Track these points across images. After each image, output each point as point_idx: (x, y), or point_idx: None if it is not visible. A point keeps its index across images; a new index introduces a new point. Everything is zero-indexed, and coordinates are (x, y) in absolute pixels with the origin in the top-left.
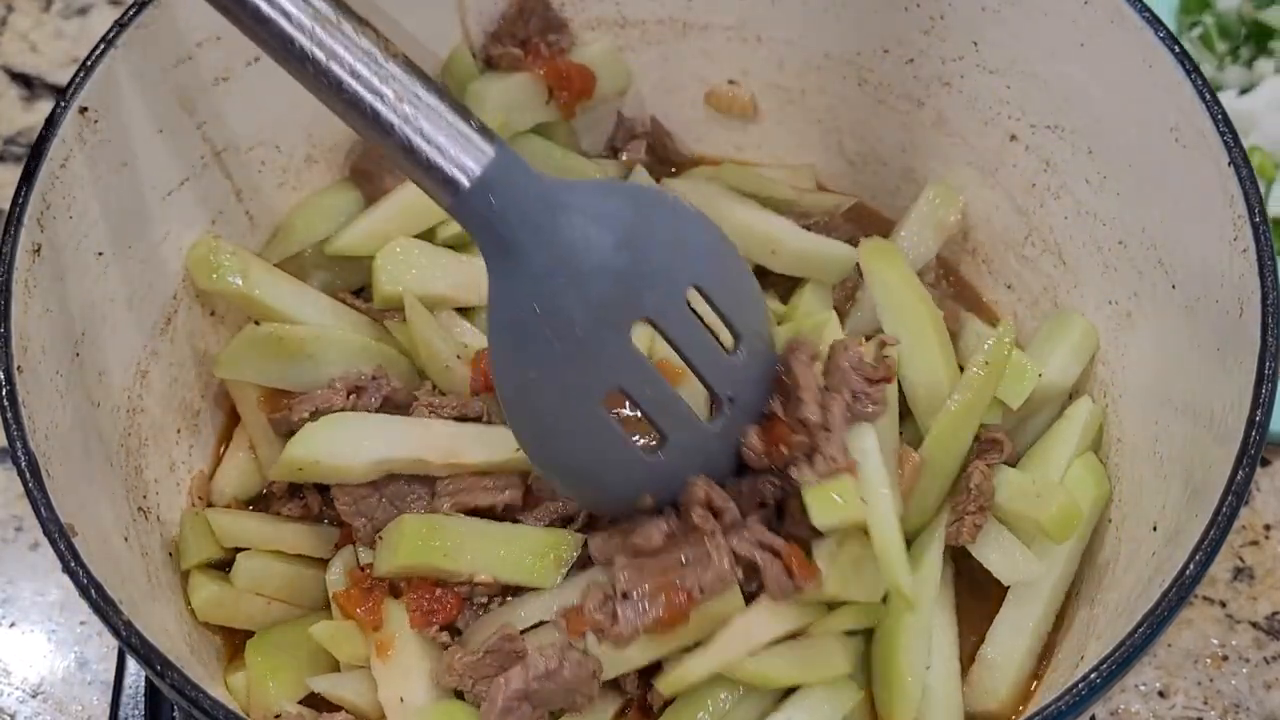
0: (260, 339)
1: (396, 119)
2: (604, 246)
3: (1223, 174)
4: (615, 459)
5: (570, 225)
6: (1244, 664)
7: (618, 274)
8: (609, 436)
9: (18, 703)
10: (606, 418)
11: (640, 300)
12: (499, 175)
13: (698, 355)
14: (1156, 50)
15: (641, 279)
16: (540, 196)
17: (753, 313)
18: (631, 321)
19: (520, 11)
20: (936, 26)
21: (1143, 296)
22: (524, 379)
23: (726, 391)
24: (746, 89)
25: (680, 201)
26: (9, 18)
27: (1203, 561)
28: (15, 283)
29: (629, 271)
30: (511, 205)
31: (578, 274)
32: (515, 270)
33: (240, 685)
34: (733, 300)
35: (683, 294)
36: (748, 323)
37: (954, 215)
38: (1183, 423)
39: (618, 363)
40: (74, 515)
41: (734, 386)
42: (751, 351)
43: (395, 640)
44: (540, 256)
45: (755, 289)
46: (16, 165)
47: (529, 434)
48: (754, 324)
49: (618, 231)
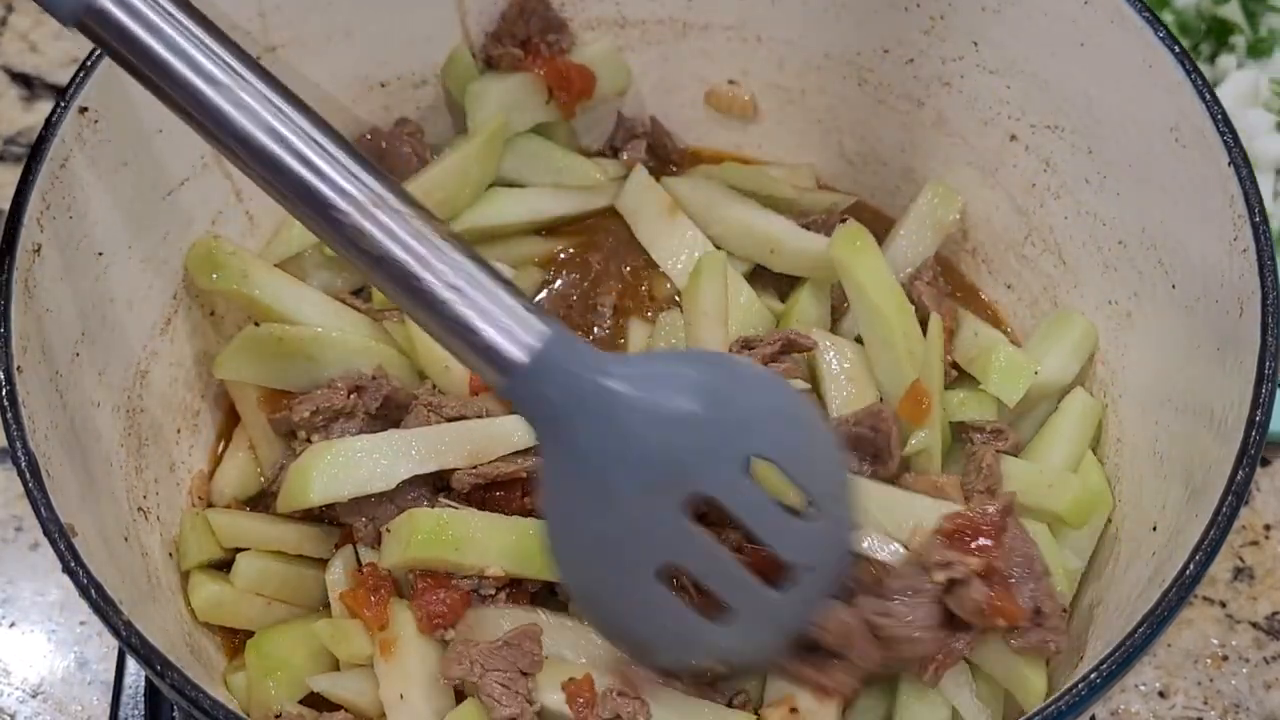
0: (260, 339)
1: (451, 295)
2: (656, 426)
3: (1223, 174)
4: (680, 630)
5: (623, 406)
6: (1244, 664)
7: (670, 453)
8: (669, 609)
9: (18, 703)
10: (664, 591)
11: (696, 477)
12: (554, 356)
13: (762, 526)
14: (1156, 50)
15: (697, 454)
16: (593, 378)
17: (829, 477)
18: (685, 496)
19: (520, 11)
20: (936, 26)
21: (1143, 296)
22: (579, 554)
23: (801, 558)
24: (746, 89)
25: (747, 367)
26: (9, 18)
27: (1203, 561)
28: (15, 283)
29: (684, 450)
30: (565, 387)
31: (628, 455)
32: (566, 449)
33: (240, 685)
34: (805, 465)
35: (744, 466)
36: (824, 488)
37: (953, 215)
38: (1183, 423)
39: (671, 539)
40: (74, 515)
41: (809, 553)
42: (828, 516)
43: (400, 639)
44: (592, 437)
45: (833, 451)
46: (16, 165)
47: (592, 606)
48: (831, 488)
49: (672, 410)
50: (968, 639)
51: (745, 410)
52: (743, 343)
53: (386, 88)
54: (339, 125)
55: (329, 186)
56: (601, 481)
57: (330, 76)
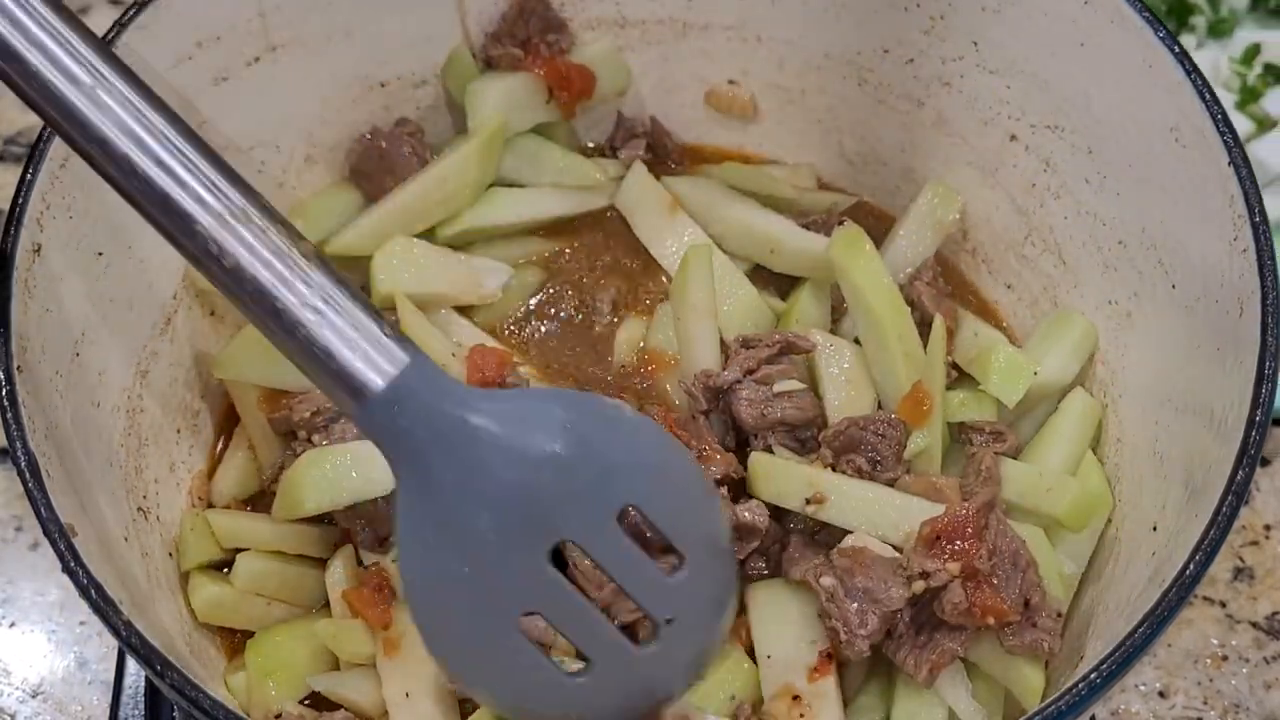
0: (260, 339)
1: (309, 317)
2: (518, 467)
3: (1223, 174)
4: (536, 681)
5: (483, 443)
6: (1244, 664)
7: (532, 496)
8: (525, 658)
9: (18, 703)
10: (521, 639)
11: (559, 522)
12: (411, 385)
13: (627, 578)
14: (1156, 50)
15: (561, 500)
16: (452, 411)
17: (701, 525)
18: (549, 543)
19: (520, 11)
20: (936, 26)
21: (1143, 296)
22: (432, 596)
23: (664, 614)
24: (746, 89)
25: (619, 411)
26: None
27: (1203, 561)
28: (15, 283)
29: (546, 493)
30: (422, 419)
31: (486, 494)
32: (422, 484)
33: (240, 685)
34: (675, 516)
35: (611, 515)
36: (694, 537)
37: (953, 215)
38: (1183, 422)
39: (532, 586)
40: (74, 515)
41: (674, 607)
42: (696, 568)
43: (405, 637)
44: (448, 473)
45: (704, 498)
46: (16, 165)
47: (442, 650)
48: (702, 537)
49: (536, 451)
50: (962, 639)
51: (614, 456)
52: (742, 342)
53: (386, 88)
54: (339, 125)
55: (188, 196)
56: (458, 520)
57: (330, 76)
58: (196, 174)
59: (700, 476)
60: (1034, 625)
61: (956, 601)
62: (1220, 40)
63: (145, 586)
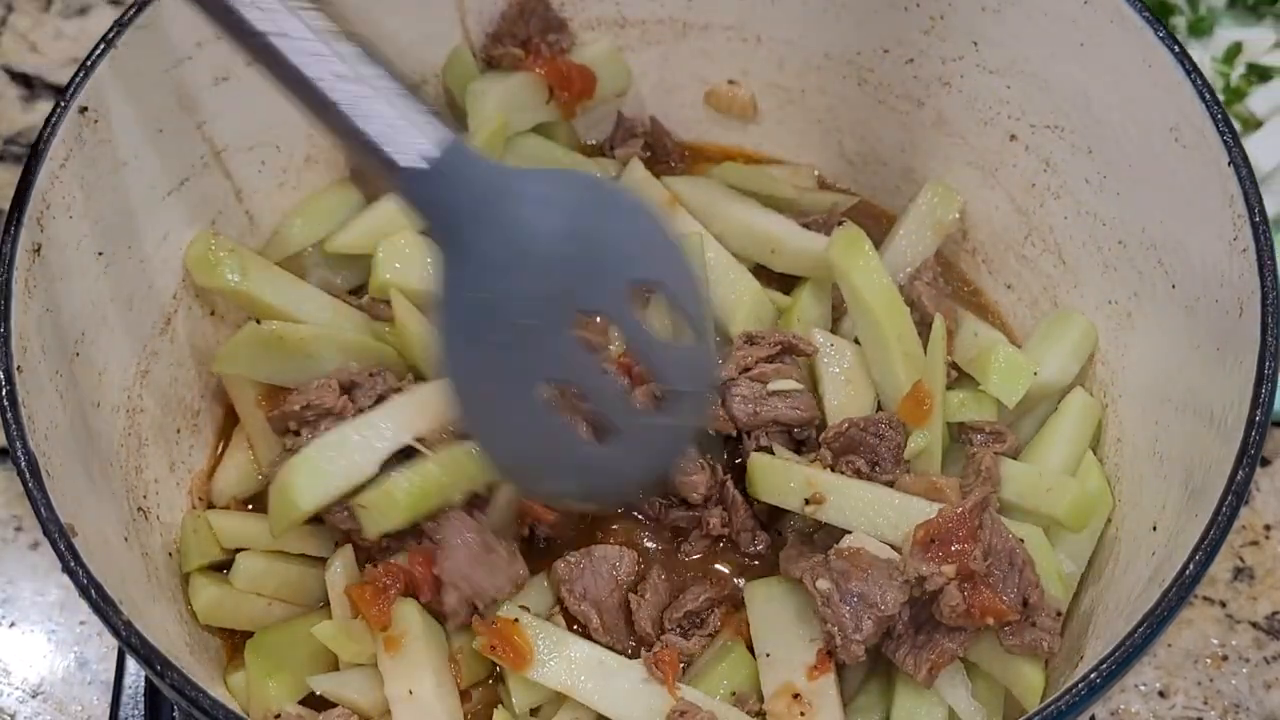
0: (261, 337)
1: (344, 97)
2: (550, 234)
3: (1223, 174)
4: (561, 448)
5: (518, 210)
6: (1244, 664)
7: (562, 262)
8: (552, 425)
9: (18, 703)
10: (549, 408)
11: (584, 290)
12: (449, 159)
13: (644, 347)
14: (1156, 50)
15: (586, 268)
16: (490, 181)
17: (698, 304)
18: (573, 312)
19: (520, 11)
20: (936, 26)
21: (1143, 296)
22: (466, 363)
23: (678, 382)
24: (746, 89)
25: (631, 195)
26: (9, 18)
27: (1203, 561)
28: (15, 283)
29: (574, 261)
30: (460, 188)
31: (522, 259)
32: (461, 254)
33: (240, 685)
34: (682, 290)
35: (627, 287)
36: (696, 314)
37: (952, 214)
38: (1183, 422)
39: (558, 352)
40: (74, 515)
41: (684, 378)
42: (699, 342)
43: (407, 635)
44: (486, 241)
45: (700, 286)
46: (16, 165)
47: (474, 423)
48: (700, 315)
49: (566, 220)
50: (961, 639)
51: (634, 235)
52: (746, 338)
53: None
54: None
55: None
56: (493, 287)
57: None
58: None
59: (695, 267)
60: (1033, 624)
61: (954, 604)
62: (1201, 40)
63: (145, 586)
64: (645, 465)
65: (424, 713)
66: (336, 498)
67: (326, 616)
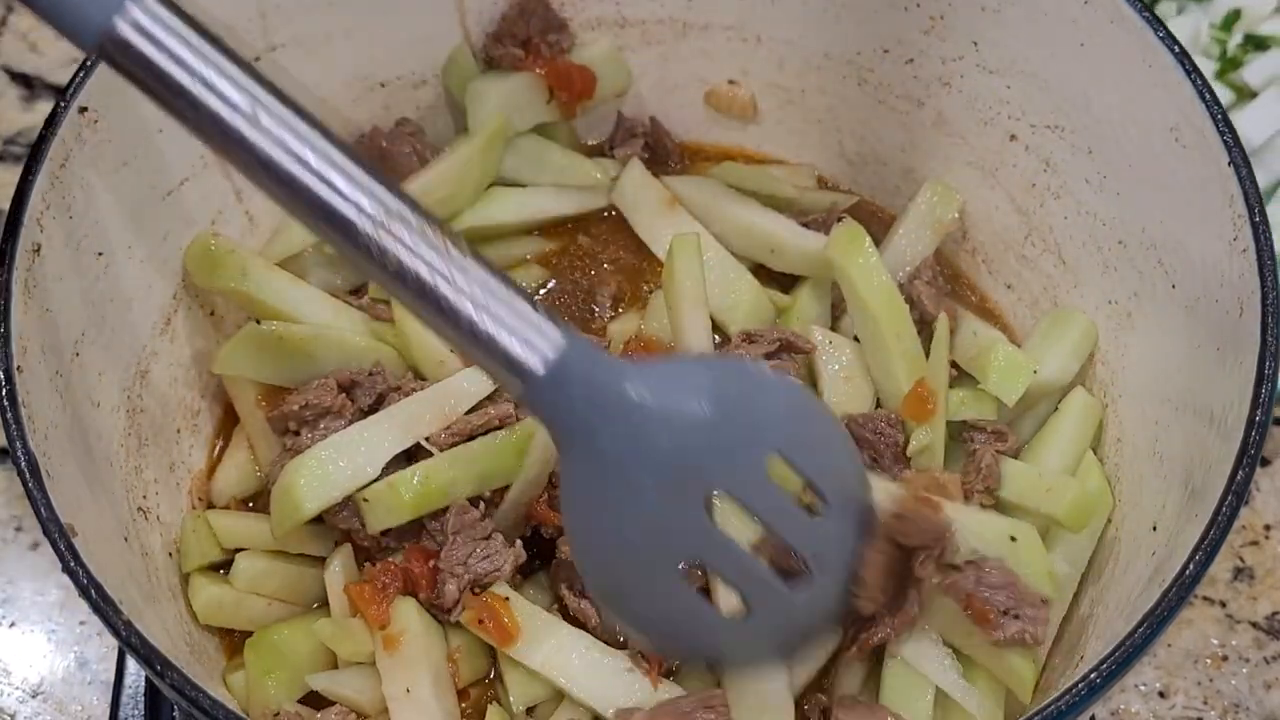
0: (261, 337)
1: (469, 306)
2: (674, 431)
3: (1223, 174)
4: (699, 626)
5: (642, 411)
6: (1244, 664)
7: (688, 455)
8: (690, 606)
9: (18, 703)
10: (686, 588)
11: (714, 476)
12: (571, 362)
13: (780, 523)
14: (1156, 50)
15: (715, 455)
16: (611, 382)
17: (842, 473)
18: (704, 495)
19: (520, 11)
20: (936, 26)
21: (1143, 296)
22: (601, 554)
23: (809, 549)
24: (746, 89)
25: (761, 370)
26: (9, 18)
27: (1203, 561)
28: (15, 283)
29: (700, 451)
30: (584, 394)
31: (647, 458)
32: (585, 453)
33: (240, 684)
34: (820, 463)
35: (761, 464)
36: (837, 485)
37: (952, 214)
38: (1183, 422)
39: (692, 537)
40: (74, 515)
41: (817, 545)
42: (837, 511)
43: (406, 633)
44: (610, 440)
45: (845, 447)
46: (16, 165)
47: (615, 605)
48: (844, 484)
49: (690, 413)
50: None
51: (760, 410)
52: (745, 336)
53: (386, 88)
54: (339, 126)
55: (349, 205)
56: (621, 484)
57: (330, 77)
58: (353, 182)
59: (839, 428)
60: (1016, 617)
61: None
62: (1202, 4)
63: (145, 586)
64: (782, 636)
65: (421, 711)
66: (340, 500)
67: (326, 616)
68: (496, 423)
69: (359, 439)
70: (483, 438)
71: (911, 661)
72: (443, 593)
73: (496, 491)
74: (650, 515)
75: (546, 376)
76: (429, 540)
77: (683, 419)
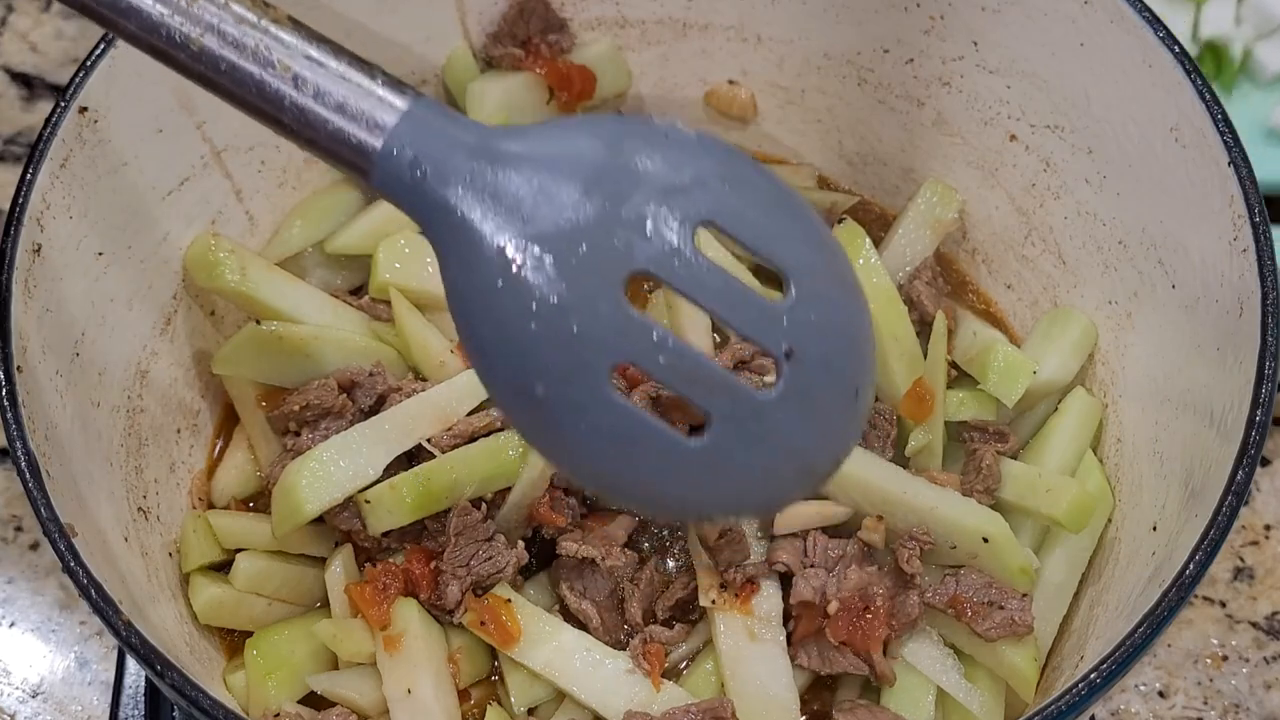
0: (261, 337)
1: (286, 88)
2: (565, 195)
3: (1223, 174)
4: (652, 452)
5: (518, 177)
6: (1244, 664)
7: (588, 226)
8: (632, 423)
9: (18, 703)
10: (621, 401)
11: (628, 252)
12: (418, 131)
13: (722, 304)
14: (1156, 50)
15: (624, 226)
16: (475, 149)
17: (802, 241)
18: (622, 278)
19: (520, 12)
20: (936, 26)
21: (1143, 296)
22: (513, 378)
23: (779, 344)
24: (746, 89)
25: (670, 125)
26: (9, 18)
27: (1203, 561)
28: (15, 283)
29: (604, 220)
30: (440, 165)
31: (537, 235)
32: (464, 240)
33: (240, 685)
34: (764, 230)
35: (688, 234)
36: (795, 255)
37: (951, 214)
38: (1183, 422)
39: (617, 331)
40: (74, 515)
41: (790, 336)
42: (806, 290)
43: (407, 633)
44: (487, 222)
45: (804, 211)
46: (16, 165)
47: (546, 441)
48: (806, 255)
49: (581, 175)
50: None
51: (684, 171)
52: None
53: None
54: None
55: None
56: (513, 271)
57: None
58: None
59: (787, 188)
60: (1000, 608)
61: None
62: None
63: (145, 586)
64: (766, 458)
65: (422, 712)
66: (341, 501)
67: (326, 616)
68: (498, 424)
69: (360, 440)
70: (484, 439)
71: (913, 661)
72: (445, 594)
73: (498, 493)
74: (556, 307)
75: (387, 150)
76: (430, 541)
77: (577, 186)
